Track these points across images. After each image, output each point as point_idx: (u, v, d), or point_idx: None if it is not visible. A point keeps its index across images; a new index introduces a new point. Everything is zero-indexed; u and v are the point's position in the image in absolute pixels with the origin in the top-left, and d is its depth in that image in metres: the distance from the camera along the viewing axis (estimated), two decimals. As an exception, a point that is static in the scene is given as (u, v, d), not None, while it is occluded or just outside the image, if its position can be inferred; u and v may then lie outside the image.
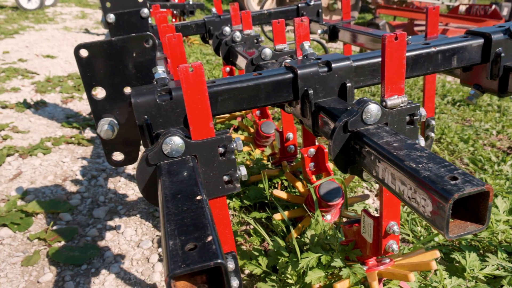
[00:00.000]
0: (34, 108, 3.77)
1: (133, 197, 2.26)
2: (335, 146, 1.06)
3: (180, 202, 0.82)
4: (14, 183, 2.43)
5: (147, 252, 1.82)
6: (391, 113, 1.06)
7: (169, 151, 0.99)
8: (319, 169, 1.80)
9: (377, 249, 1.28)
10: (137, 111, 1.17)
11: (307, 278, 1.36)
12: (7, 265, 1.75)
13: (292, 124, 2.05)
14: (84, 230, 1.98)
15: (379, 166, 0.95)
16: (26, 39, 7.40)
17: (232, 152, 1.05)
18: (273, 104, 1.30)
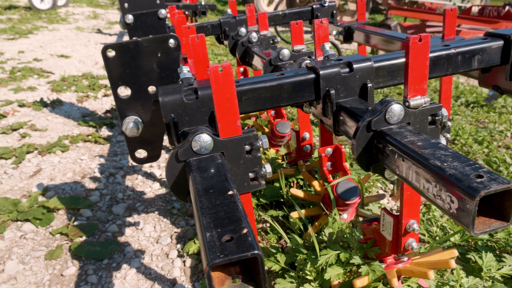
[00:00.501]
0: (50, 106, 3.84)
1: (150, 194, 2.31)
2: (358, 145, 1.09)
3: (213, 197, 0.85)
4: (34, 179, 2.49)
5: (166, 248, 1.85)
6: (414, 113, 1.08)
7: (198, 148, 1.03)
8: (336, 169, 1.83)
9: (396, 247, 1.30)
10: (164, 110, 1.20)
11: (327, 274, 1.39)
12: (31, 258, 1.80)
13: (308, 124, 2.08)
14: (104, 226, 2.02)
15: (403, 164, 0.97)
16: (40, 39, 7.51)
17: (258, 150, 1.08)
18: (295, 104, 1.32)
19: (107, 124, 3.36)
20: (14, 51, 6.38)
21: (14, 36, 7.70)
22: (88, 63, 5.66)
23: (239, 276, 0.77)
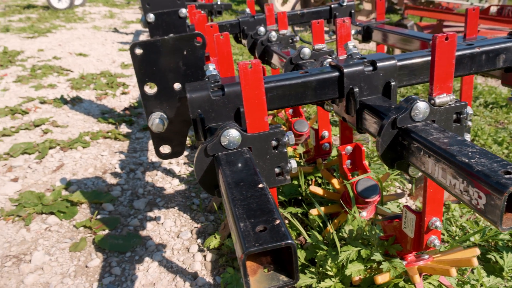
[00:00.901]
0: (70, 104, 3.92)
1: (170, 190, 2.35)
2: (383, 142, 1.10)
3: (244, 189, 0.88)
4: (57, 174, 2.55)
5: (187, 243, 1.89)
6: (439, 111, 1.09)
7: (226, 143, 1.05)
8: (355, 167, 1.84)
9: (418, 244, 1.32)
10: (192, 106, 1.23)
11: (347, 270, 1.40)
12: (56, 250, 1.85)
13: (327, 122, 2.10)
14: (126, 220, 2.07)
15: (428, 161, 0.99)
16: (59, 37, 7.64)
17: (285, 146, 1.10)
18: (318, 101, 1.34)
19: (126, 122, 3.42)
20: (34, 49, 6.50)
21: (34, 34, 7.85)
22: (106, 62, 5.74)
23: (270, 266, 0.80)
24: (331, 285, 1.42)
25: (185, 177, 2.47)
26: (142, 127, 3.28)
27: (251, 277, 0.76)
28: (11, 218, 2.08)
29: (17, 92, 4.28)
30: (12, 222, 2.07)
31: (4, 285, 1.66)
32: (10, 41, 7.23)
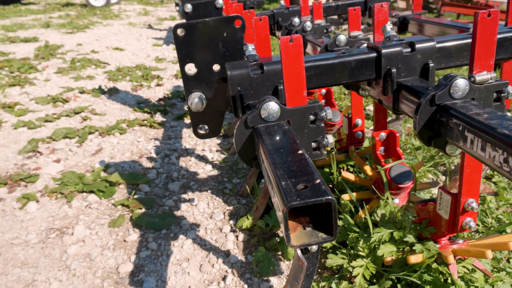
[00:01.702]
0: (108, 94, 4.06)
1: (203, 175, 2.41)
2: (420, 119, 1.11)
3: (284, 155, 0.92)
4: (96, 157, 2.66)
5: (220, 223, 1.94)
6: (479, 89, 1.09)
7: (266, 115, 1.09)
8: (389, 154, 1.84)
9: (453, 226, 1.31)
10: (232, 83, 1.28)
11: (379, 251, 1.42)
12: (96, 225, 1.94)
13: (361, 110, 2.10)
14: (162, 201, 2.14)
15: (467, 136, 0.99)
16: (96, 33, 7.90)
17: (322, 120, 1.13)
18: (355, 82, 1.36)
19: (160, 111, 3.52)
20: (73, 43, 6.76)
21: (72, 30, 8.15)
22: (141, 56, 5.90)
23: (309, 225, 0.83)
24: (363, 264, 1.43)
25: (218, 164, 2.53)
26: (176, 117, 3.37)
27: (292, 234, 0.80)
28: (54, 195, 2.20)
29: (58, 82, 4.47)
30: (56, 198, 2.18)
31: (49, 254, 1.76)
32: (50, 36, 7.54)
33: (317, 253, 1.31)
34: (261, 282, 1.58)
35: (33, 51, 6.07)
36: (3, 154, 2.72)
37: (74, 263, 1.69)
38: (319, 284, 1.48)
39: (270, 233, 1.80)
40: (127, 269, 1.66)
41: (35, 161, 2.61)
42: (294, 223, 0.83)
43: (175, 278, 1.61)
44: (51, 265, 1.70)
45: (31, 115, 3.46)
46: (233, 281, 1.59)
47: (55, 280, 1.60)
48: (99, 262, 1.71)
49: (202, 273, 1.64)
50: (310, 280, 1.34)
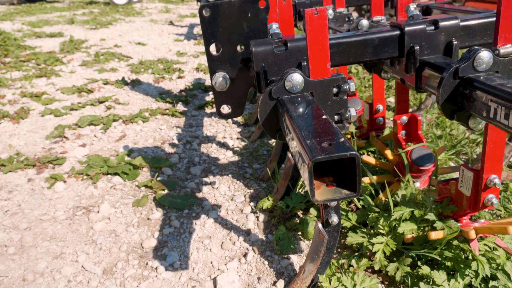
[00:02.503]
0: (131, 85, 4.15)
1: (224, 161, 2.45)
2: (443, 92, 1.12)
3: (308, 119, 0.94)
4: (120, 143, 2.73)
5: (240, 205, 1.98)
6: (503, 62, 1.10)
7: (290, 86, 1.12)
8: (410, 138, 1.84)
9: (475, 203, 1.31)
10: (256, 59, 1.31)
11: (400, 228, 1.43)
12: (121, 204, 2.01)
13: (382, 96, 2.11)
14: (184, 183, 2.19)
15: (490, 105, 1.00)
16: (119, 29, 8.05)
17: (345, 93, 1.15)
18: (378, 59, 1.37)
19: (182, 101, 3.58)
20: (97, 38, 6.91)
21: (96, 26, 8.33)
22: (163, 50, 6.00)
23: (333, 183, 0.85)
24: (383, 241, 1.44)
25: (238, 150, 2.57)
26: (198, 106, 3.43)
27: (317, 191, 0.82)
28: (80, 176, 2.27)
29: (83, 74, 4.59)
30: (82, 180, 2.25)
31: (76, 230, 1.82)
32: (75, 31, 7.72)
33: (338, 227, 1.33)
34: (281, 259, 1.60)
35: (58, 45, 6.24)
36: (31, 139, 2.82)
37: (100, 238, 1.75)
38: (339, 261, 1.50)
39: (291, 213, 1.83)
40: (151, 244, 1.71)
41: (62, 146, 2.69)
42: (318, 182, 0.86)
43: (197, 253, 1.65)
44: (78, 239, 1.76)
45: (57, 104, 3.56)
46: (254, 257, 1.62)
47: (82, 253, 1.67)
48: (124, 237, 1.76)
49: (224, 250, 1.68)
50: (330, 255, 1.37)
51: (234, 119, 3.13)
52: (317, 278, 1.38)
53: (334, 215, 1.30)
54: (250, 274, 1.54)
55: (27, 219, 1.91)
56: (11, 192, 2.14)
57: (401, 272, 1.40)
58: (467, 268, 1.31)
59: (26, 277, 1.53)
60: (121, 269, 1.57)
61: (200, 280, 1.51)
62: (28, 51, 5.76)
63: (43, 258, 1.65)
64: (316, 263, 1.35)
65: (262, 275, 1.53)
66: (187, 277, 1.53)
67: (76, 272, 1.57)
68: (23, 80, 4.28)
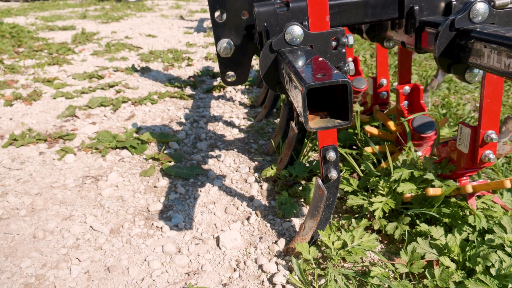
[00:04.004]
0: (140, 72, 4.21)
1: (230, 137, 2.49)
2: (440, 44, 1.15)
3: (306, 61, 0.98)
4: (129, 122, 2.79)
5: (245, 176, 2.02)
6: (499, 14, 1.12)
7: (290, 39, 1.15)
8: (412, 108, 1.86)
9: (473, 160, 1.33)
10: (259, 19, 1.34)
11: (399, 188, 1.45)
12: (128, 174, 2.06)
13: (386, 70, 2.13)
14: (190, 156, 2.24)
15: (484, 51, 1.02)
16: (130, 23, 8.15)
17: (344, 46, 1.18)
18: (378, 20, 1.40)
19: (190, 85, 3.63)
20: (108, 31, 7.01)
21: (107, 20, 8.44)
22: (172, 42, 6.07)
23: (327, 115, 0.89)
24: (383, 201, 1.47)
25: (244, 128, 2.61)
26: (205, 90, 3.47)
27: (311, 121, 0.86)
28: (90, 149, 2.33)
29: (94, 62, 4.67)
30: (91, 153, 2.31)
31: (85, 196, 1.88)
32: (87, 25, 7.84)
33: (337, 183, 1.37)
34: (283, 222, 1.64)
35: (70, 37, 6.34)
36: (43, 118, 2.89)
37: (107, 202, 1.81)
38: (339, 222, 1.53)
39: (293, 181, 1.86)
40: (157, 208, 1.75)
41: (73, 124, 2.76)
42: (313, 115, 0.89)
43: (201, 216, 1.69)
44: (87, 204, 1.82)
45: (69, 88, 3.64)
46: (257, 221, 1.66)
47: (90, 215, 1.72)
48: (131, 202, 1.81)
49: (227, 214, 1.72)
50: (330, 211, 1.40)
51: (241, 101, 3.17)
52: (317, 234, 1.41)
53: (334, 170, 1.33)
54: (252, 235, 1.57)
55: (38, 186, 1.97)
56: (23, 163, 2.21)
57: (400, 230, 1.42)
58: (464, 224, 1.34)
59: (37, 234, 1.59)
60: (128, 229, 1.62)
61: (204, 238, 1.55)
62: (41, 42, 5.88)
63: (53, 219, 1.71)
64: (316, 219, 1.39)
65: (264, 235, 1.56)
66: (191, 236, 1.57)
67: (84, 231, 1.62)
68: (35, 67, 4.38)
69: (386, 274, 1.23)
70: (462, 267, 1.23)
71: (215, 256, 1.45)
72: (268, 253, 1.46)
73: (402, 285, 1.19)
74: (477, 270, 1.17)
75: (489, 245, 1.24)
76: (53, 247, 1.53)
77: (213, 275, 1.37)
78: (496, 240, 1.24)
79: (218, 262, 1.42)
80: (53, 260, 1.46)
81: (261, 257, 1.43)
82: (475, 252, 1.21)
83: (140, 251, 1.49)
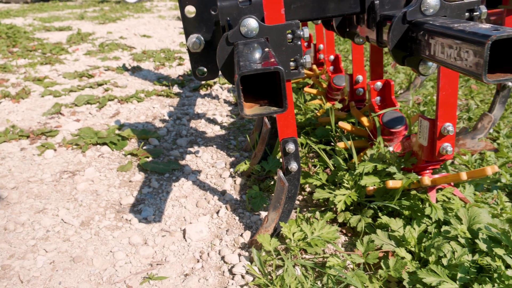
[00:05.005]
0: (131, 71, 4.24)
1: (211, 134, 2.51)
2: (393, 36, 1.16)
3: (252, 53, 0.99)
4: (113, 119, 2.81)
5: (220, 171, 2.03)
6: (450, 6, 1.13)
7: (245, 31, 1.17)
8: (384, 104, 1.88)
9: (432, 153, 1.35)
10: (221, 13, 1.36)
11: (362, 181, 1.46)
12: (106, 170, 2.08)
13: (362, 66, 2.14)
14: (169, 152, 2.26)
15: (431, 42, 1.04)
16: (126, 23, 8.20)
17: (299, 39, 1.20)
18: (340, 15, 1.42)
19: (178, 84, 3.66)
20: (104, 32, 7.05)
21: (104, 21, 8.49)
22: (167, 42, 6.10)
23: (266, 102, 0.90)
24: (346, 193, 1.48)
25: (226, 125, 2.63)
26: (192, 88, 3.50)
27: (247, 109, 0.88)
28: (70, 145, 2.36)
29: (86, 62, 4.71)
30: (72, 149, 2.33)
31: (60, 190, 1.90)
32: (84, 26, 7.89)
33: (298, 175, 1.38)
34: (251, 215, 1.65)
35: (66, 37, 6.39)
36: (28, 115, 2.92)
37: (81, 196, 1.83)
38: (305, 215, 1.55)
39: (266, 176, 1.87)
40: (129, 201, 1.77)
41: (57, 121, 2.79)
42: (253, 103, 0.91)
43: (172, 210, 1.71)
44: (61, 198, 1.84)
45: (58, 86, 3.67)
46: (226, 214, 1.67)
47: (63, 209, 1.74)
48: (104, 196, 1.83)
49: (198, 208, 1.73)
50: (292, 203, 1.41)
51: (226, 99, 3.19)
52: (280, 226, 1.42)
53: (294, 162, 1.35)
54: (219, 227, 1.59)
55: (15, 180, 1.99)
56: (4, 158, 2.23)
57: (363, 223, 1.43)
58: (424, 217, 1.35)
59: (8, 226, 1.61)
60: (98, 222, 1.64)
61: (171, 230, 1.57)
62: (35, 42, 5.92)
63: (25, 212, 1.73)
64: (278, 211, 1.40)
65: (231, 228, 1.58)
66: (159, 228, 1.59)
67: (55, 224, 1.64)
68: (27, 66, 4.41)
69: (342, 265, 1.25)
70: (418, 258, 1.25)
71: (179, 248, 1.47)
72: (233, 245, 1.48)
73: (357, 275, 1.20)
74: (430, 261, 1.18)
75: (445, 236, 1.25)
76: (23, 239, 1.55)
77: (176, 265, 1.38)
78: (452, 231, 1.26)
79: (182, 254, 1.44)
80: (21, 251, 1.48)
81: (225, 249, 1.44)
82: (430, 243, 1.22)
83: (107, 243, 1.51)
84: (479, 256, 1.15)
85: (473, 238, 1.22)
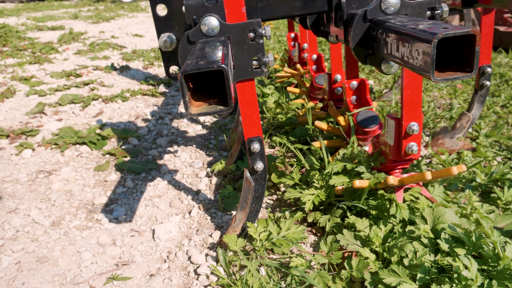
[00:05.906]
0: (119, 70, 4.23)
1: (192, 134, 2.50)
2: (354, 35, 1.16)
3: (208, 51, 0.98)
4: (96, 119, 2.80)
5: (197, 171, 2.02)
6: (411, 5, 1.12)
7: (206, 30, 1.16)
8: (360, 103, 1.87)
9: (398, 152, 1.34)
10: (188, 12, 1.35)
11: (331, 181, 1.46)
12: (83, 169, 2.07)
13: (340, 65, 2.13)
14: (147, 152, 2.25)
15: (388, 40, 1.03)
16: (120, 23, 8.18)
17: (261, 37, 1.19)
18: (308, 13, 1.41)
19: (165, 83, 3.65)
20: (96, 31, 7.03)
21: (98, 21, 8.47)
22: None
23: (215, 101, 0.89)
24: (315, 193, 1.48)
25: (208, 125, 2.62)
26: (178, 88, 3.48)
27: (194, 107, 0.87)
28: (49, 145, 2.34)
29: (75, 61, 4.69)
30: (51, 148, 2.32)
31: (34, 190, 1.89)
32: (77, 25, 7.87)
33: (264, 175, 1.37)
34: (223, 215, 1.64)
35: (57, 36, 6.37)
36: (11, 115, 2.91)
37: (55, 196, 1.82)
38: (275, 215, 1.54)
39: (241, 175, 1.87)
40: (102, 201, 1.76)
41: (39, 120, 2.78)
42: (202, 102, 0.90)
43: (144, 209, 1.70)
44: (35, 197, 1.83)
45: (44, 86, 3.66)
46: (198, 214, 1.66)
47: (35, 208, 1.73)
48: (78, 196, 1.82)
49: (171, 207, 1.72)
50: (259, 203, 1.40)
51: (210, 99, 3.18)
52: (247, 226, 1.41)
53: (259, 161, 1.34)
54: (190, 227, 1.58)
55: (-9, 180, 1.98)
56: (-19, 158, 2.22)
57: (332, 223, 1.43)
58: (391, 216, 1.34)
59: (-23, 226, 1.60)
60: (68, 221, 1.63)
61: (141, 230, 1.56)
62: (26, 42, 5.90)
63: (-3, 212, 1.72)
64: (245, 211, 1.39)
65: (201, 228, 1.57)
66: (129, 228, 1.58)
67: (25, 224, 1.63)
68: (15, 66, 4.39)
69: (306, 265, 1.24)
70: (382, 258, 1.24)
71: (147, 248, 1.46)
72: (201, 245, 1.47)
73: (320, 275, 1.19)
74: (393, 261, 1.17)
75: (409, 236, 1.25)
76: (-9, 239, 1.54)
77: (142, 266, 1.37)
78: (416, 231, 1.25)
79: (150, 254, 1.43)
80: (-12, 252, 1.47)
81: (193, 249, 1.43)
82: (393, 243, 1.22)
83: (75, 243, 1.50)
84: (441, 256, 1.14)
85: (436, 238, 1.21)
